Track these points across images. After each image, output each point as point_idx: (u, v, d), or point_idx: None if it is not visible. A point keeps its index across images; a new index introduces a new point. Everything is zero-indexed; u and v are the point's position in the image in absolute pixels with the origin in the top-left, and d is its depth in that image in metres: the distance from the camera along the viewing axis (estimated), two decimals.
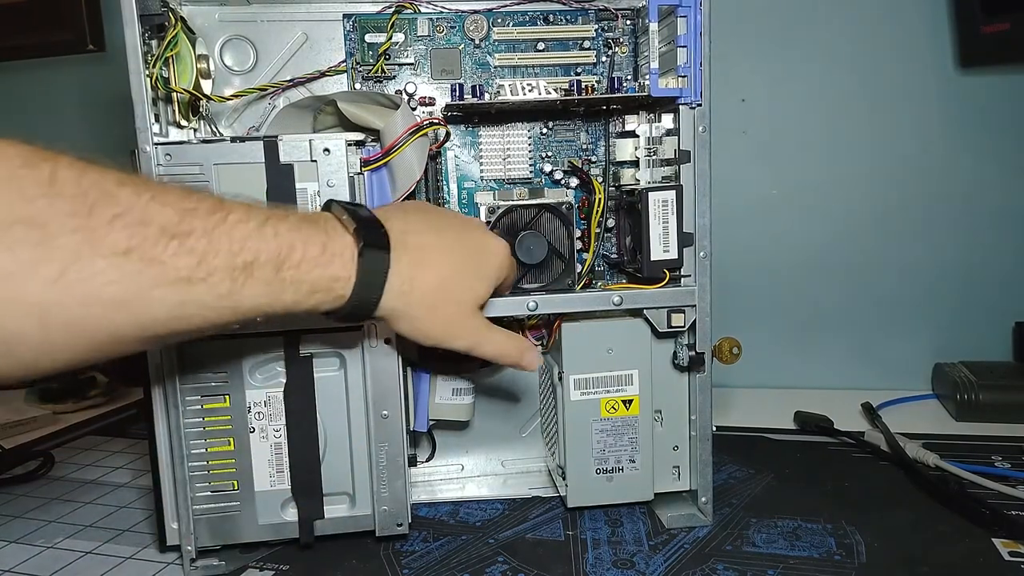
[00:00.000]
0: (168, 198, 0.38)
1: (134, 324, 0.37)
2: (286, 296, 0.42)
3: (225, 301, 0.39)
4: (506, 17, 0.62)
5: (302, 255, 0.42)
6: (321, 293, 0.43)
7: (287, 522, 0.56)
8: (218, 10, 0.60)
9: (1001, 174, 0.89)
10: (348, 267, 0.43)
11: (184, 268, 0.37)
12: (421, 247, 0.47)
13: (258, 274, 0.40)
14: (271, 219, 0.41)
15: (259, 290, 0.40)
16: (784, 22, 0.92)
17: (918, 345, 0.93)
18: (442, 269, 0.47)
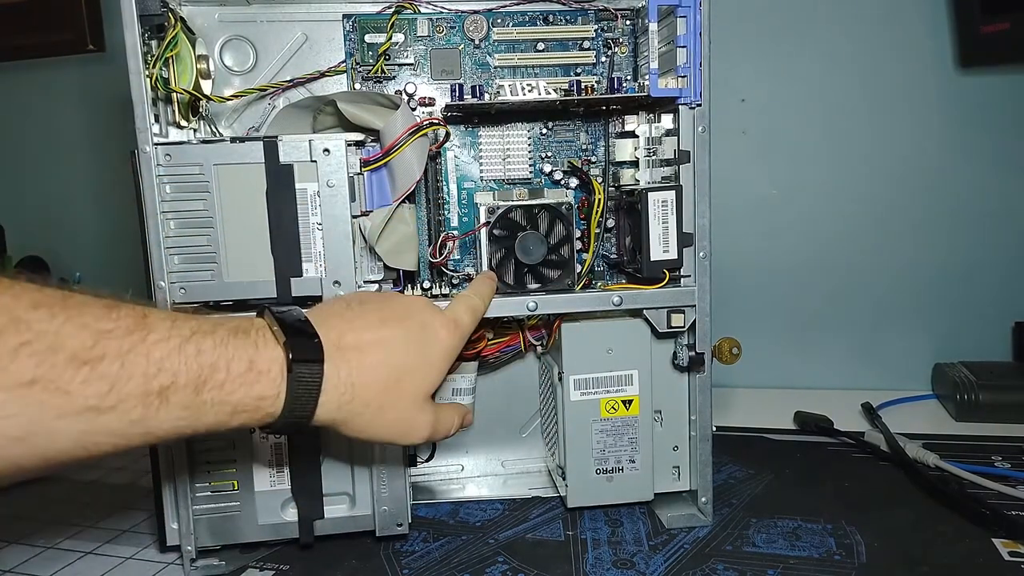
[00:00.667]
0: (86, 319, 0.35)
1: (35, 456, 0.35)
2: (206, 418, 0.39)
3: (137, 428, 0.37)
4: (506, 17, 0.62)
5: (225, 375, 0.39)
6: (246, 413, 0.41)
7: (287, 522, 0.56)
8: (218, 10, 0.60)
9: (1001, 174, 0.89)
10: (276, 384, 0.41)
11: (92, 396, 0.35)
12: (360, 348, 0.44)
13: (175, 398, 0.37)
14: (196, 335, 0.39)
15: (176, 414, 0.38)
16: (784, 22, 0.92)
17: (918, 345, 0.93)
18: (387, 368, 0.45)
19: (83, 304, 0.36)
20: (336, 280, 0.53)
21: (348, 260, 0.53)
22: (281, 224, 0.52)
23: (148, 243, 0.51)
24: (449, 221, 0.64)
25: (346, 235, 0.53)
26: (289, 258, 0.53)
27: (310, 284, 0.53)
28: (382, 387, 0.45)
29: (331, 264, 0.53)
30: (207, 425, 0.40)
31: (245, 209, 0.52)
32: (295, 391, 0.41)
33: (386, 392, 0.45)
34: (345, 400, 0.44)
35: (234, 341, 0.40)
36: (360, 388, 0.44)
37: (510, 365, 0.68)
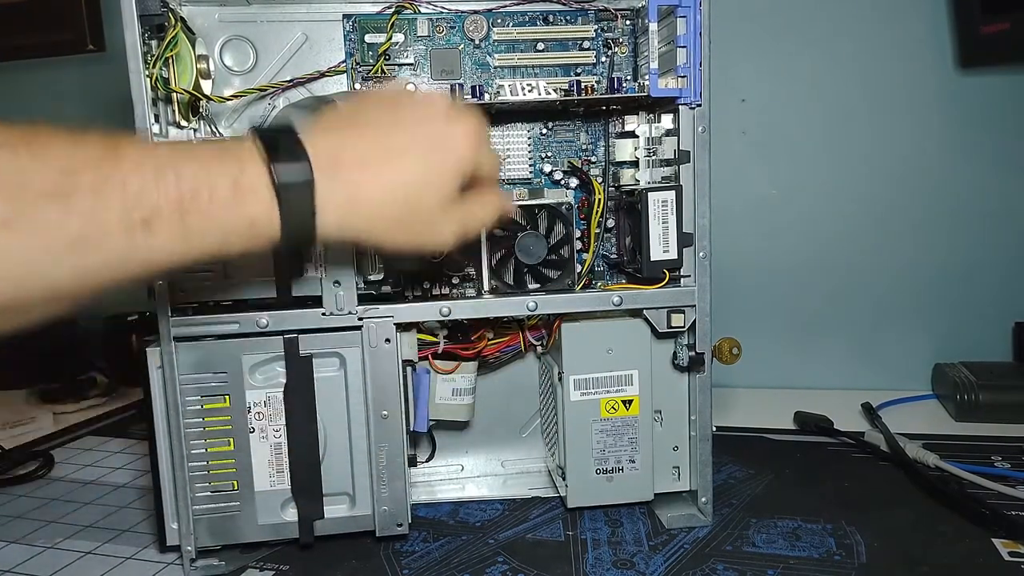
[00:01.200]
0: (50, 154, 0.34)
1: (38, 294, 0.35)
2: (200, 244, 0.38)
3: (129, 260, 0.36)
4: (506, 17, 0.62)
5: (209, 198, 0.37)
6: (242, 238, 0.39)
7: (287, 522, 0.56)
8: (218, 10, 0.60)
9: (1001, 174, 0.89)
10: (267, 206, 0.38)
11: (73, 232, 0.34)
12: (364, 163, 0.41)
13: (161, 228, 0.36)
14: (174, 160, 0.37)
15: (166, 244, 0.37)
16: (784, 22, 0.92)
17: (918, 345, 0.93)
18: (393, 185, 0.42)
19: (48, 141, 0.35)
20: (336, 280, 0.53)
21: (348, 259, 0.53)
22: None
23: None
24: None
25: None
26: (288, 258, 0.53)
27: (310, 284, 0.53)
28: (390, 203, 0.42)
29: (331, 264, 0.53)
30: (203, 252, 0.38)
31: None
32: (287, 213, 0.39)
33: (396, 207, 0.42)
34: (348, 220, 0.41)
35: (217, 163, 0.38)
36: (364, 204, 0.41)
37: (510, 365, 0.68)
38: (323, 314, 0.54)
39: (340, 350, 0.55)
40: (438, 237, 0.45)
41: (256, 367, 0.54)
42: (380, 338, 0.55)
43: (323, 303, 0.54)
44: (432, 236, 0.45)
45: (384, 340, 0.55)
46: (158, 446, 0.54)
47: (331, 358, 0.55)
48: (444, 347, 0.61)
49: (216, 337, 0.54)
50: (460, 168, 0.44)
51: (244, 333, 0.53)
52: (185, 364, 0.53)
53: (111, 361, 1.11)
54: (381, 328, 0.55)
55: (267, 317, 0.53)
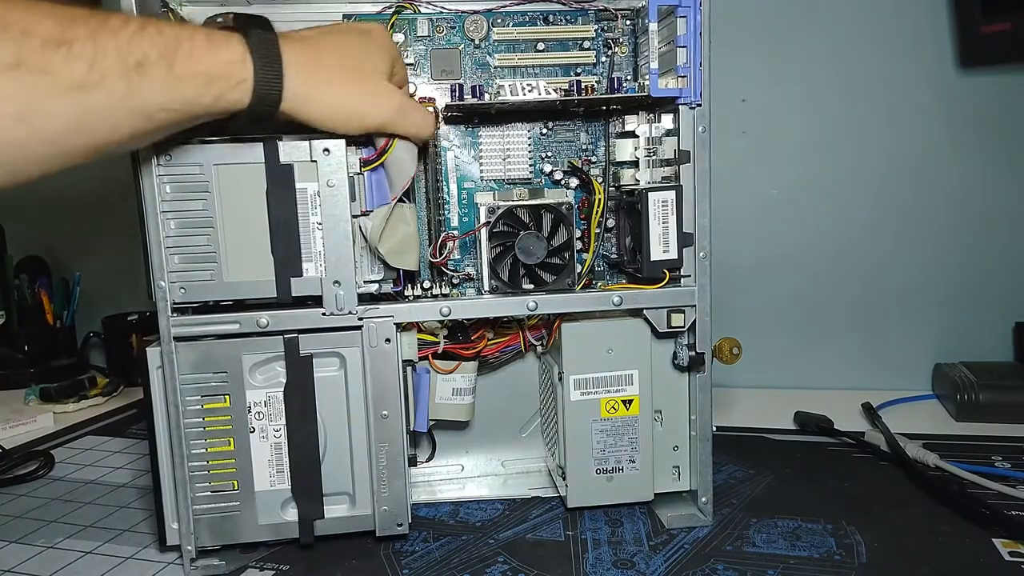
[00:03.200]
0: (46, 9, 0.38)
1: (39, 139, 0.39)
2: (186, 90, 0.42)
3: (125, 104, 0.40)
4: (506, 17, 0.62)
5: (191, 46, 0.42)
6: (221, 80, 0.43)
7: (287, 522, 0.56)
8: (218, 10, 0.60)
9: (1001, 174, 0.89)
10: (238, 49, 0.44)
11: (76, 74, 0.38)
12: (302, 36, 0.49)
13: (152, 72, 0.41)
14: (151, 22, 0.42)
15: (157, 87, 0.41)
16: (784, 22, 0.92)
17: (918, 345, 0.93)
18: (336, 49, 0.49)
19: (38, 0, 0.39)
20: (336, 280, 0.53)
21: (348, 259, 0.53)
22: (281, 224, 0.52)
23: (148, 243, 0.51)
24: (449, 221, 0.64)
25: (346, 235, 0.53)
26: (289, 258, 0.53)
27: (310, 284, 0.53)
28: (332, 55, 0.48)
29: (331, 263, 0.53)
30: (188, 100, 0.43)
31: (245, 209, 0.52)
32: (256, 52, 0.44)
33: (343, 66, 0.49)
34: (306, 67, 0.47)
35: (187, 25, 0.45)
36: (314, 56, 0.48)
37: (510, 365, 0.68)
38: (323, 314, 0.54)
39: (340, 350, 0.55)
40: (381, 101, 0.51)
41: (256, 367, 0.54)
42: (380, 338, 0.55)
43: (323, 303, 0.54)
44: (375, 98, 0.50)
45: (384, 340, 0.55)
46: (158, 446, 0.54)
47: (331, 358, 0.55)
48: (444, 347, 0.61)
49: (216, 337, 0.54)
50: (388, 50, 0.52)
51: (244, 333, 0.53)
52: (185, 364, 0.53)
53: (111, 361, 1.12)
54: (381, 328, 0.55)
55: (267, 317, 0.53)
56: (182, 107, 0.43)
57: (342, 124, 0.50)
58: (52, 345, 1.13)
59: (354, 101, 0.50)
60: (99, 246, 1.16)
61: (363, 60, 0.50)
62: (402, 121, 0.52)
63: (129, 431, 0.88)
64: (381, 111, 0.51)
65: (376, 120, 0.51)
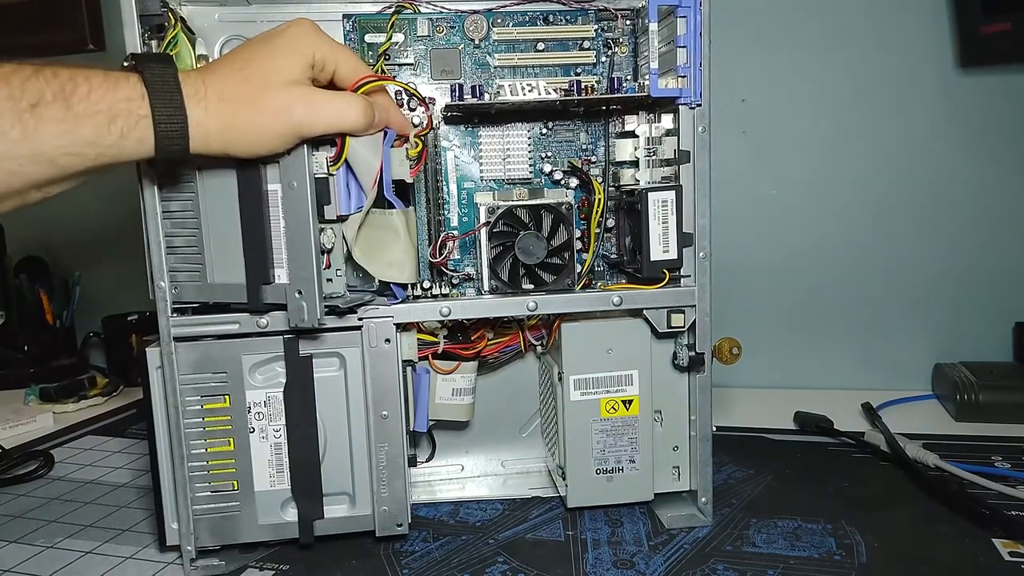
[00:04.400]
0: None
1: None
2: (86, 130, 0.41)
3: (22, 148, 0.40)
4: (506, 17, 0.62)
5: (88, 86, 0.41)
6: (121, 118, 0.42)
7: (287, 522, 0.56)
8: (218, 10, 0.60)
9: (1001, 174, 0.89)
10: (137, 86, 0.43)
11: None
12: (209, 67, 0.48)
13: (48, 113, 0.40)
14: (46, 65, 0.41)
15: (55, 129, 0.40)
16: (784, 22, 0.92)
17: (918, 345, 0.93)
18: (230, 63, 0.47)
19: None
20: (299, 290, 0.50)
21: (310, 267, 0.50)
22: (251, 226, 0.50)
23: (148, 243, 0.51)
24: (449, 221, 0.64)
25: (309, 240, 0.50)
26: (258, 263, 0.51)
27: (280, 291, 0.51)
28: (233, 78, 0.46)
29: (294, 271, 0.50)
30: (89, 141, 0.42)
31: (225, 208, 0.51)
32: (154, 85, 0.43)
33: (238, 81, 0.46)
34: (201, 96, 0.45)
35: (83, 68, 0.43)
36: (211, 85, 0.45)
37: (510, 365, 0.68)
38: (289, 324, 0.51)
39: (340, 350, 0.55)
40: (288, 111, 0.47)
41: (256, 367, 0.54)
42: (380, 338, 0.55)
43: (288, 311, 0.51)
44: (277, 115, 0.47)
45: (384, 340, 0.55)
46: (158, 446, 0.54)
47: (331, 358, 0.55)
48: (444, 347, 0.61)
49: (216, 337, 0.54)
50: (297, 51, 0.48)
51: (244, 333, 0.53)
52: (185, 364, 0.53)
53: (111, 361, 1.12)
54: (381, 328, 0.55)
55: (267, 317, 0.53)
56: (85, 149, 0.42)
57: (259, 147, 0.47)
58: (52, 345, 1.13)
59: (258, 120, 0.46)
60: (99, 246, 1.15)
61: (266, 71, 0.47)
62: (317, 119, 0.48)
63: (129, 431, 0.88)
64: (290, 119, 0.47)
65: (288, 131, 0.47)
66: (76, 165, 0.42)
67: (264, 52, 0.48)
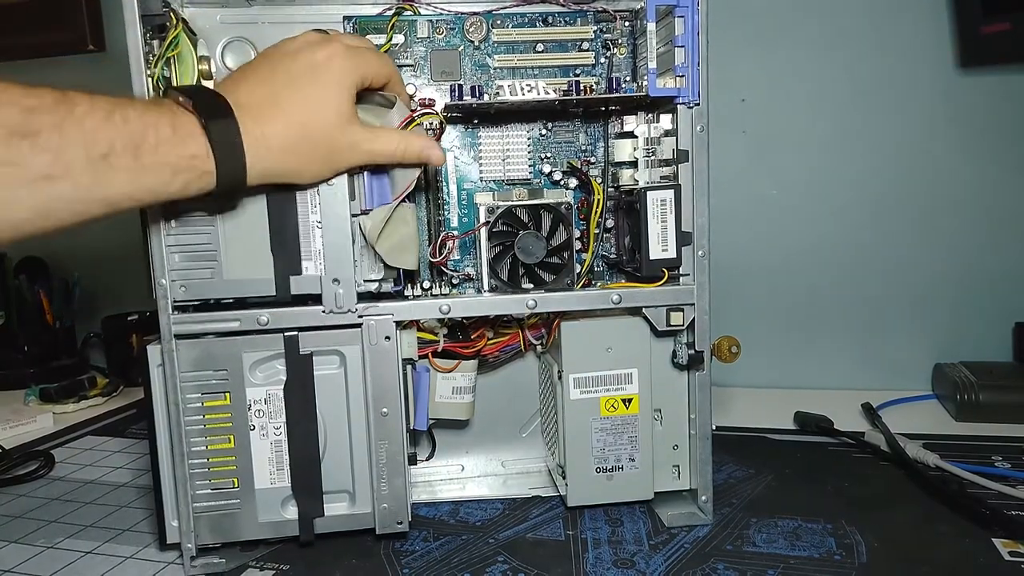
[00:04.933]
0: (10, 98, 0.38)
1: (2, 225, 0.40)
2: (152, 181, 0.43)
3: (91, 193, 0.41)
4: (505, 19, 0.62)
5: (156, 139, 0.43)
6: (185, 173, 0.44)
7: (287, 520, 0.56)
8: (219, 11, 0.60)
9: (1001, 174, 0.90)
10: (202, 143, 0.44)
11: (42, 166, 0.39)
12: (258, 104, 0.47)
13: (118, 163, 0.41)
14: (118, 107, 0.42)
15: (122, 178, 0.42)
16: (783, 22, 0.92)
17: (918, 345, 0.93)
18: (285, 113, 0.48)
19: (4, 87, 0.39)
20: (335, 278, 0.53)
21: (347, 258, 0.53)
22: (281, 223, 0.52)
23: (149, 241, 0.51)
24: (449, 221, 0.64)
25: (345, 233, 0.53)
26: (289, 256, 0.53)
27: (310, 282, 0.53)
28: (287, 129, 0.48)
29: (330, 262, 0.53)
30: (152, 190, 0.44)
31: (245, 207, 0.52)
32: (220, 146, 0.45)
33: (296, 137, 0.48)
34: (265, 149, 0.47)
35: (152, 111, 0.44)
36: (271, 135, 0.47)
37: (510, 364, 0.68)
38: (323, 312, 0.54)
39: (340, 348, 0.55)
40: (343, 157, 0.51)
41: (256, 365, 0.55)
42: (380, 336, 0.55)
43: (323, 301, 0.54)
44: (336, 158, 0.50)
45: (384, 338, 0.55)
46: (158, 443, 0.54)
47: (331, 356, 0.56)
48: (444, 345, 0.61)
49: (217, 334, 0.54)
50: (340, 89, 0.50)
51: (245, 331, 0.54)
52: (185, 361, 0.53)
53: (111, 361, 1.12)
54: (381, 326, 0.55)
55: (267, 315, 0.53)
56: (147, 196, 0.44)
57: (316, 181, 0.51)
58: (52, 345, 1.13)
59: (318, 169, 0.50)
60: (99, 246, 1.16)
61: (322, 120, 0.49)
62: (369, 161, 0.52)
63: (129, 431, 0.88)
64: (347, 163, 0.51)
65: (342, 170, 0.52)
66: (132, 206, 0.44)
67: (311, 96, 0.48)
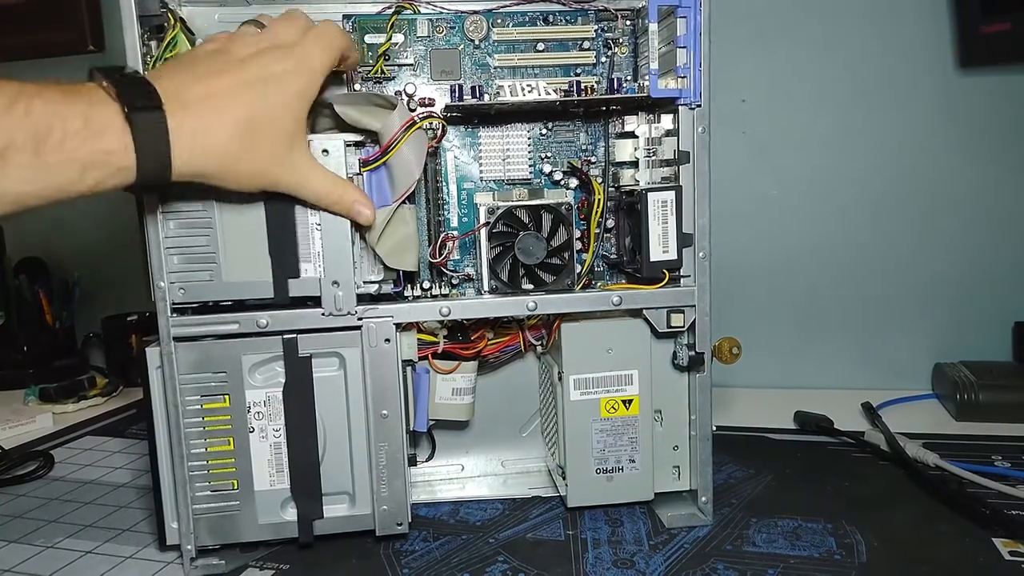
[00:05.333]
0: None
1: None
2: (56, 179, 0.39)
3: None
4: (506, 18, 0.62)
5: (63, 132, 0.38)
6: (98, 170, 0.40)
7: (287, 521, 0.56)
8: (217, 11, 0.60)
9: (1001, 174, 0.89)
10: (121, 137, 0.40)
11: None
12: (204, 97, 0.43)
13: (15, 159, 0.37)
14: (22, 96, 0.38)
15: (21, 176, 0.38)
16: (784, 22, 0.92)
17: (918, 345, 0.93)
18: (231, 119, 0.44)
19: None
20: (335, 280, 0.53)
21: (347, 260, 0.53)
22: (280, 225, 0.52)
23: (148, 243, 0.51)
24: (449, 221, 0.64)
25: (345, 235, 0.53)
26: (287, 258, 0.53)
27: (309, 284, 0.53)
28: (230, 137, 0.44)
29: (329, 264, 0.53)
30: (60, 188, 0.39)
31: (243, 209, 0.52)
32: (142, 141, 0.41)
33: (238, 141, 0.44)
34: (198, 151, 0.43)
35: (65, 100, 0.39)
36: (210, 137, 0.43)
37: (510, 365, 0.68)
38: (322, 314, 0.54)
39: (340, 350, 0.55)
40: (278, 176, 0.47)
41: (256, 367, 0.54)
42: (380, 338, 0.55)
43: (322, 303, 0.54)
44: (273, 173, 0.47)
45: (384, 340, 0.55)
46: (158, 445, 0.54)
47: (331, 358, 0.55)
48: (444, 347, 0.61)
49: (216, 337, 0.54)
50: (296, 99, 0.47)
51: (244, 333, 0.54)
52: (185, 364, 0.53)
53: (110, 361, 1.12)
54: (381, 328, 0.55)
55: (267, 317, 0.53)
56: (56, 194, 0.40)
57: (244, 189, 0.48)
58: (52, 345, 1.13)
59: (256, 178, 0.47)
60: (99, 246, 1.16)
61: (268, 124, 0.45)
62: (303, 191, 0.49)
63: (129, 431, 0.88)
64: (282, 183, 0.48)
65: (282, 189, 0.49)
66: (45, 205, 0.40)
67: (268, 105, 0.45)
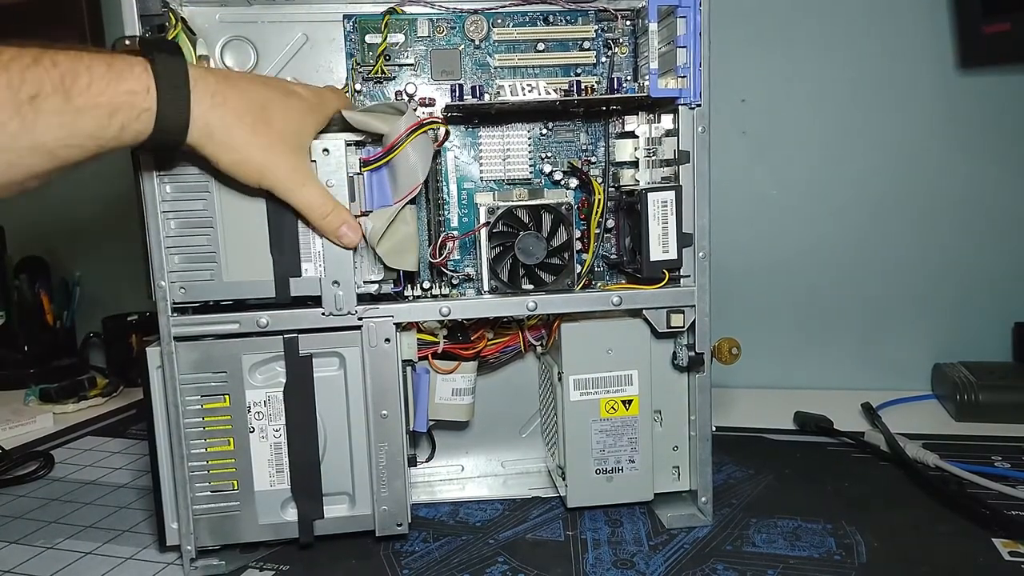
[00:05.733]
0: None
1: None
2: (86, 125, 0.41)
3: (21, 141, 0.39)
4: (506, 18, 0.62)
5: (89, 77, 0.40)
6: (123, 112, 0.41)
7: (287, 522, 0.56)
8: (219, 11, 0.60)
9: (1001, 174, 0.89)
10: (143, 78, 0.42)
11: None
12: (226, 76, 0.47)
13: (47, 106, 0.39)
14: (47, 51, 0.40)
15: (54, 121, 0.39)
16: (784, 22, 0.92)
17: (918, 345, 0.93)
18: (251, 94, 0.46)
19: None
20: (335, 280, 0.53)
21: (347, 260, 0.53)
22: (281, 224, 0.52)
23: (149, 243, 0.51)
24: (449, 221, 0.64)
25: None
26: (288, 258, 0.53)
27: (309, 284, 0.53)
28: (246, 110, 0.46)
29: (330, 264, 0.53)
30: (91, 134, 0.41)
31: (245, 209, 0.52)
32: (163, 81, 0.42)
33: (257, 110, 0.46)
34: (218, 102, 0.45)
35: (87, 53, 0.41)
36: (231, 97, 0.45)
37: (510, 365, 0.68)
38: (323, 314, 0.54)
39: (340, 350, 0.55)
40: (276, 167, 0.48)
41: (256, 367, 0.54)
42: (380, 338, 0.55)
43: (323, 303, 0.54)
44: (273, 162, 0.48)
45: (384, 340, 0.55)
46: (158, 446, 0.54)
47: (331, 358, 0.55)
48: (444, 347, 0.61)
49: (216, 336, 0.54)
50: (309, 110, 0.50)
51: (244, 333, 0.54)
52: (185, 363, 0.53)
53: (111, 361, 1.12)
54: (381, 328, 0.55)
55: (267, 317, 0.53)
56: (86, 141, 0.41)
57: (241, 172, 0.48)
58: (52, 345, 1.13)
59: (258, 155, 0.47)
60: (99, 246, 1.16)
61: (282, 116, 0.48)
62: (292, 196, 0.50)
63: (129, 431, 0.88)
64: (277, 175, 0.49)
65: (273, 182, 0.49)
66: (76, 156, 0.42)
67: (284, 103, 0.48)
